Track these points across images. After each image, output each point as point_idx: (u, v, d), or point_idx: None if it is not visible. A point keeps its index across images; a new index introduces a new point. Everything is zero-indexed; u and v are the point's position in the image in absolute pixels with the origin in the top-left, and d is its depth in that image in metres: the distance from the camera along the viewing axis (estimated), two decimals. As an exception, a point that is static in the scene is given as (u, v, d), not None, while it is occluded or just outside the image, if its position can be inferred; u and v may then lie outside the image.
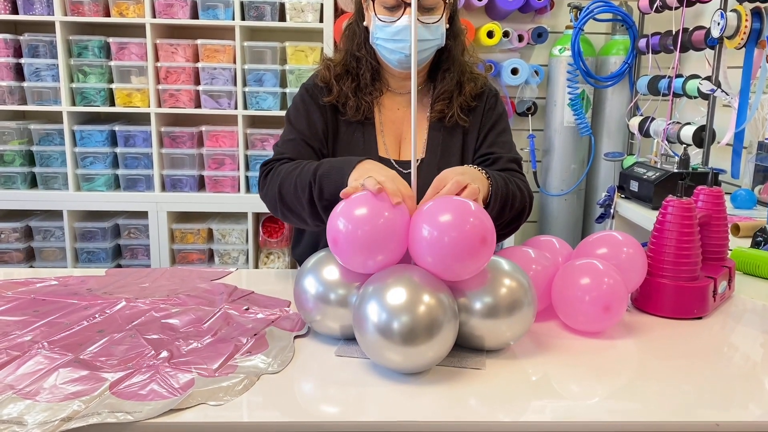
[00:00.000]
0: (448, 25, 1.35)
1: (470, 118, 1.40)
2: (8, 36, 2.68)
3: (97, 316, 1.11)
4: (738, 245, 1.52)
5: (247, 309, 1.16)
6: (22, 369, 0.91)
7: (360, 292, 0.96)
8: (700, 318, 1.17)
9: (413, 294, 0.90)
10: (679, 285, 1.15)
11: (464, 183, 1.05)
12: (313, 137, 1.36)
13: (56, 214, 2.83)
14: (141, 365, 0.93)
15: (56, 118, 2.77)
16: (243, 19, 2.69)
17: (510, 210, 1.23)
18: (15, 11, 2.66)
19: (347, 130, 1.39)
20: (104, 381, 0.88)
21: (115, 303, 1.17)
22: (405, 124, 1.41)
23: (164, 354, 0.96)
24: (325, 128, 1.38)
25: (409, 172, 1.33)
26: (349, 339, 1.04)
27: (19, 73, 2.73)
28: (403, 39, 1.29)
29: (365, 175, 1.06)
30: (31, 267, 2.82)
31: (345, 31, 1.42)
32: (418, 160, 1.37)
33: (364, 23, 1.36)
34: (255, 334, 1.04)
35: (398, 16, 1.27)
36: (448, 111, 1.38)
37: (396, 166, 1.37)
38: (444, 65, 1.39)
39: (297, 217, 1.25)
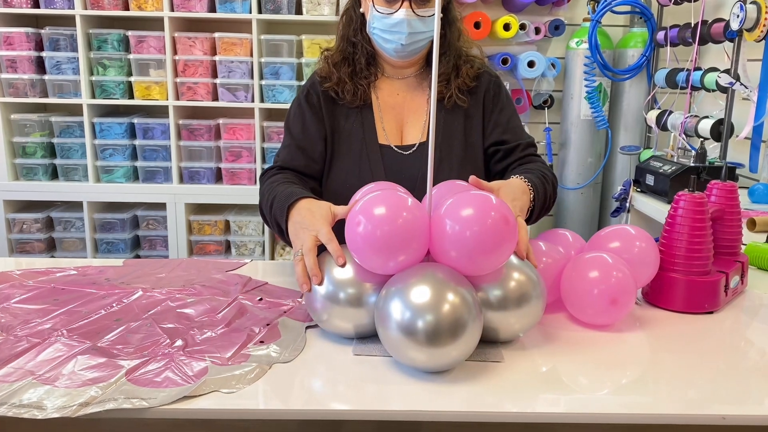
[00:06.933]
0: (441, 15, 1.38)
1: (470, 99, 1.42)
2: (30, 29, 2.73)
3: (114, 305, 1.14)
4: (753, 240, 1.51)
5: (260, 299, 1.18)
6: (42, 356, 0.94)
7: (384, 288, 0.95)
8: (711, 312, 1.17)
9: (438, 292, 0.89)
10: (690, 279, 1.15)
11: (521, 221, 1.06)
12: (307, 141, 1.41)
13: (76, 205, 2.88)
14: (156, 353, 0.95)
15: (76, 110, 2.82)
16: (260, 12, 2.71)
17: (544, 210, 1.28)
18: (36, 5, 2.70)
19: (347, 122, 1.42)
20: (121, 368, 0.90)
21: (132, 293, 1.20)
22: (405, 109, 1.45)
23: (179, 342, 0.98)
24: (322, 128, 1.41)
25: (409, 155, 1.42)
26: (363, 337, 1.03)
27: (40, 66, 2.77)
28: (399, 31, 1.32)
29: (297, 232, 1.11)
30: (52, 257, 2.87)
31: (342, 16, 1.46)
32: (415, 145, 1.42)
33: (361, 10, 1.40)
34: (268, 324, 1.06)
35: (396, 8, 1.31)
36: (446, 92, 1.40)
37: (397, 150, 1.41)
38: (440, 50, 1.41)
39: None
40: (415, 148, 1.42)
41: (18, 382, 0.86)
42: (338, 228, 1.08)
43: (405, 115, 1.44)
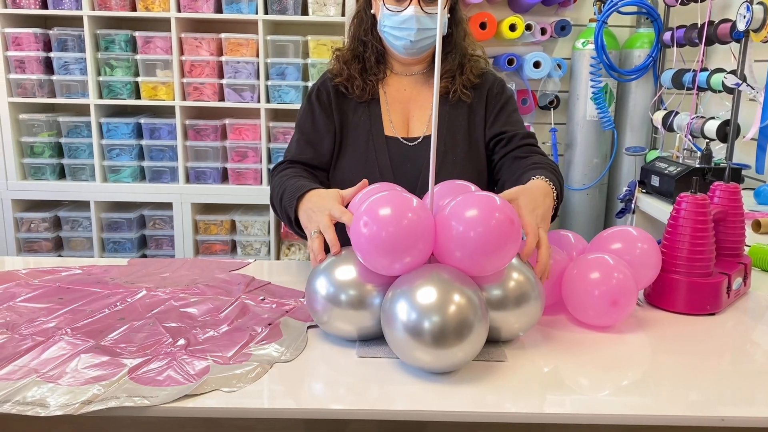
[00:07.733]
0: (449, 15, 1.45)
1: (474, 95, 1.48)
2: (38, 30, 2.74)
3: (118, 304, 1.15)
4: (757, 241, 1.51)
5: (263, 299, 1.18)
6: (46, 354, 0.95)
7: (390, 290, 0.95)
8: (713, 314, 1.17)
9: (444, 293, 0.89)
10: (692, 281, 1.15)
11: (542, 235, 1.05)
12: (315, 135, 1.47)
13: (84, 205, 2.90)
14: (159, 352, 0.96)
15: (84, 110, 2.84)
16: (266, 12, 2.72)
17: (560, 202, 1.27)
18: (45, 6, 2.72)
19: (354, 115, 1.48)
20: (123, 367, 0.91)
21: (136, 292, 1.21)
22: (411, 103, 1.50)
23: (181, 342, 0.99)
24: (330, 123, 1.47)
25: (414, 146, 1.47)
26: (366, 340, 1.03)
27: (48, 66, 2.79)
28: (408, 27, 1.38)
29: (310, 216, 1.16)
30: (60, 256, 2.89)
31: (353, 18, 1.52)
32: (420, 137, 1.47)
33: (372, 11, 1.46)
34: (270, 324, 1.07)
35: (405, 6, 1.37)
36: (451, 87, 1.46)
37: (403, 142, 1.47)
38: (446, 48, 1.47)
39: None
40: (420, 140, 1.47)
41: (22, 380, 0.87)
42: (341, 229, 1.08)
43: (411, 109, 1.50)
